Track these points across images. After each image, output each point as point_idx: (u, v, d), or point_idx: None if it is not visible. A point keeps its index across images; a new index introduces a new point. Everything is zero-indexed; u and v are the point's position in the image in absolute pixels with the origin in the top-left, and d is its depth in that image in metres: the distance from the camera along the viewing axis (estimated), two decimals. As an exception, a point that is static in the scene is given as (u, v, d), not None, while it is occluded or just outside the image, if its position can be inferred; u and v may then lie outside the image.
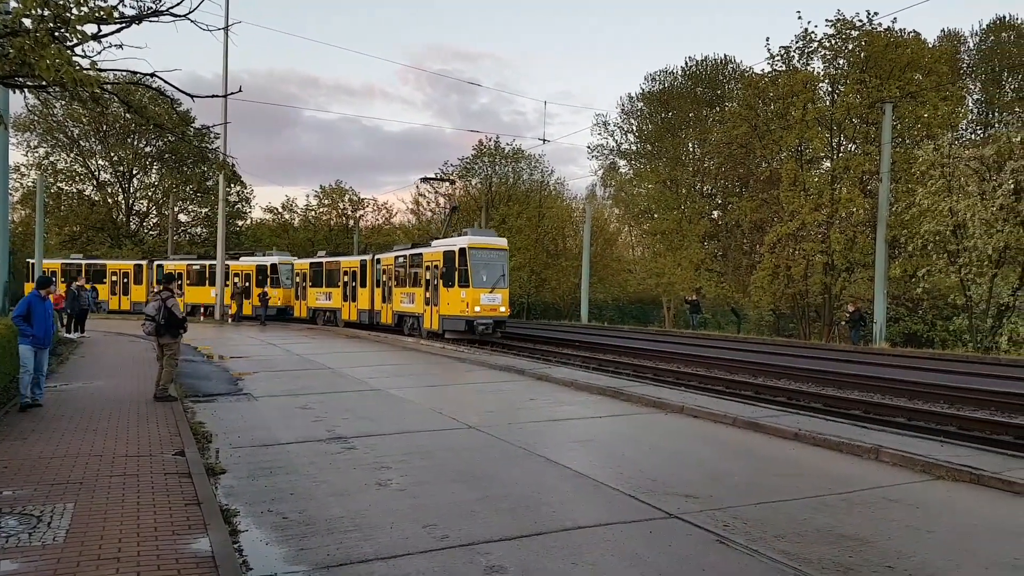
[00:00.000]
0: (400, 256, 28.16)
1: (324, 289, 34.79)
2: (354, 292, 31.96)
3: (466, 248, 23.55)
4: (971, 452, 8.38)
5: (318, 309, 35.37)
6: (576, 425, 10.56)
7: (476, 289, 23.37)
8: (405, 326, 27.51)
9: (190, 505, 6.06)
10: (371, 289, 30.53)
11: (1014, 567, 5.20)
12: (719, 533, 5.82)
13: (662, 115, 53.05)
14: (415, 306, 26.30)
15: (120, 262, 44.32)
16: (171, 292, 11.75)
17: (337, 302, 33.50)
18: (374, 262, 30.58)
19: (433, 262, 24.90)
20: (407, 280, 27.10)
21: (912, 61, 34.73)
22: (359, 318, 31.40)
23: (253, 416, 10.80)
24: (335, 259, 34.83)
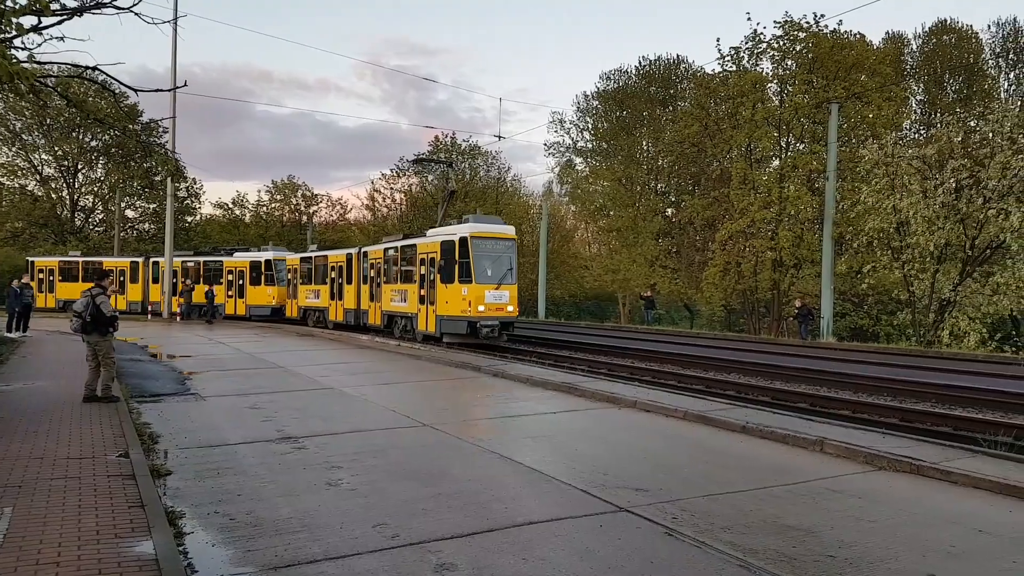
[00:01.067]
0: (390, 248, 25.33)
1: (313, 287, 32.12)
2: (341, 290, 29.33)
3: (467, 238, 20.64)
4: (912, 443, 8.63)
5: (308, 308, 32.70)
6: (530, 421, 10.60)
7: (480, 285, 20.45)
8: (396, 328, 24.88)
9: (134, 507, 5.91)
10: (357, 286, 27.95)
11: (949, 553, 5.38)
12: (668, 526, 5.90)
13: (617, 114, 53.52)
14: (408, 305, 23.52)
15: (117, 259, 42.03)
16: (102, 289, 11.38)
17: (325, 301, 30.81)
18: (361, 256, 27.87)
19: (429, 254, 22.06)
20: (398, 276, 24.42)
21: (857, 62, 35.65)
22: (345, 318, 28.82)
23: (201, 416, 10.59)
24: (323, 253, 31.79)
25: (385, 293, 25.27)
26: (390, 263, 25.13)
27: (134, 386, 13.08)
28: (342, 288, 29.10)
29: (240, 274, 36.58)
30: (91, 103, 35.70)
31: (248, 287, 35.89)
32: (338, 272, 29.52)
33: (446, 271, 20.86)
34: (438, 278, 21.19)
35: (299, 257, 33.89)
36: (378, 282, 25.94)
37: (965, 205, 24.92)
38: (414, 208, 55.74)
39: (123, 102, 34.05)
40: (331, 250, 32.02)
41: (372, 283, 26.56)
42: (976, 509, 6.46)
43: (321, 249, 33.39)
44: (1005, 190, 23.98)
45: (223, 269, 36.88)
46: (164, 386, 13.50)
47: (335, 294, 29.74)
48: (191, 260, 38.64)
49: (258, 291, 35.93)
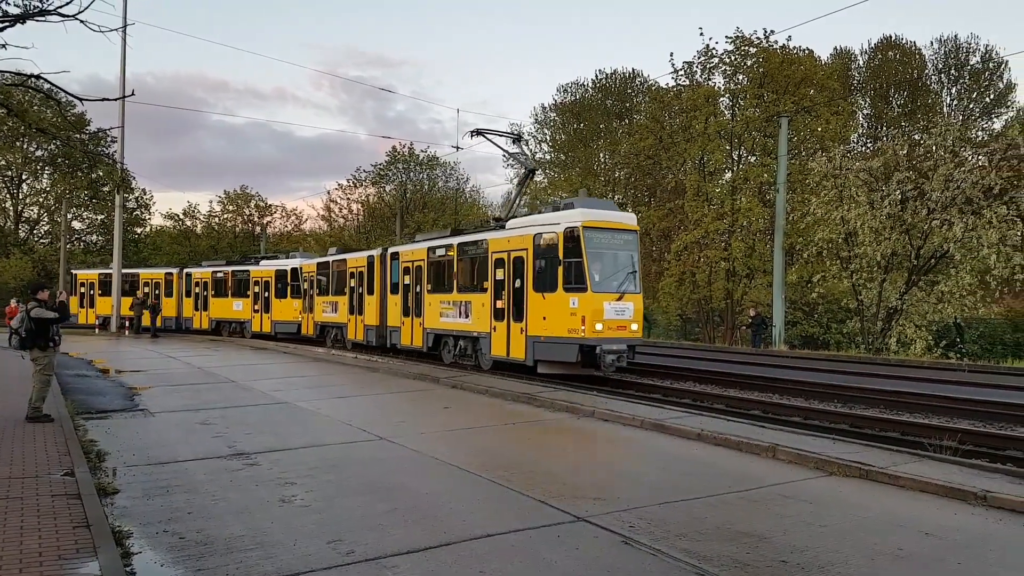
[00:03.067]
0: (439, 246, 19.83)
1: (331, 298, 27.16)
2: (361, 302, 24.36)
3: (578, 229, 15.06)
4: (861, 448, 8.83)
5: (326, 325, 27.69)
6: (489, 433, 10.56)
7: (597, 295, 14.95)
8: (446, 352, 19.60)
9: (79, 528, 5.73)
10: (380, 297, 22.84)
11: (897, 557, 5.50)
12: (624, 534, 5.92)
13: (574, 126, 54.03)
14: (471, 322, 17.93)
15: (152, 271, 39.78)
16: (38, 302, 10.94)
17: (344, 315, 25.79)
18: (386, 259, 22.72)
19: (513, 253, 16.47)
20: (455, 282, 18.89)
21: (806, 77, 36.57)
22: (366, 337, 23.81)
23: (150, 433, 10.32)
24: (342, 257, 26.60)
25: (431, 306, 19.88)
26: (440, 266, 19.77)
27: (80, 402, 12.69)
28: (362, 300, 24.15)
29: (265, 285, 32.46)
30: (34, 112, 34.77)
31: (273, 300, 31.81)
32: (358, 280, 24.51)
33: (544, 276, 15.51)
34: (529, 285, 15.84)
35: (315, 262, 29.08)
36: (418, 292, 20.55)
37: (910, 216, 25.68)
38: (372, 218, 55.41)
39: (69, 111, 33.25)
40: (351, 252, 26.89)
41: (407, 293, 21.19)
42: (922, 512, 6.63)
43: (341, 252, 27.83)
44: (948, 201, 24.77)
45: (249, 279, 33.17)
46: (112, 402, 13.14)
47: (355, 307, 24.82)
48: (221, 271, 35.16)
49: (284, 305, 31.47)
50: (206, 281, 35.35)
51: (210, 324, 35.02)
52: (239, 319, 33.66)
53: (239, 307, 33.56)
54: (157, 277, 38.35)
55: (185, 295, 36.79)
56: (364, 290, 23.96)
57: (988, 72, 50.43)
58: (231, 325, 34.22)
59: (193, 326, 36.09)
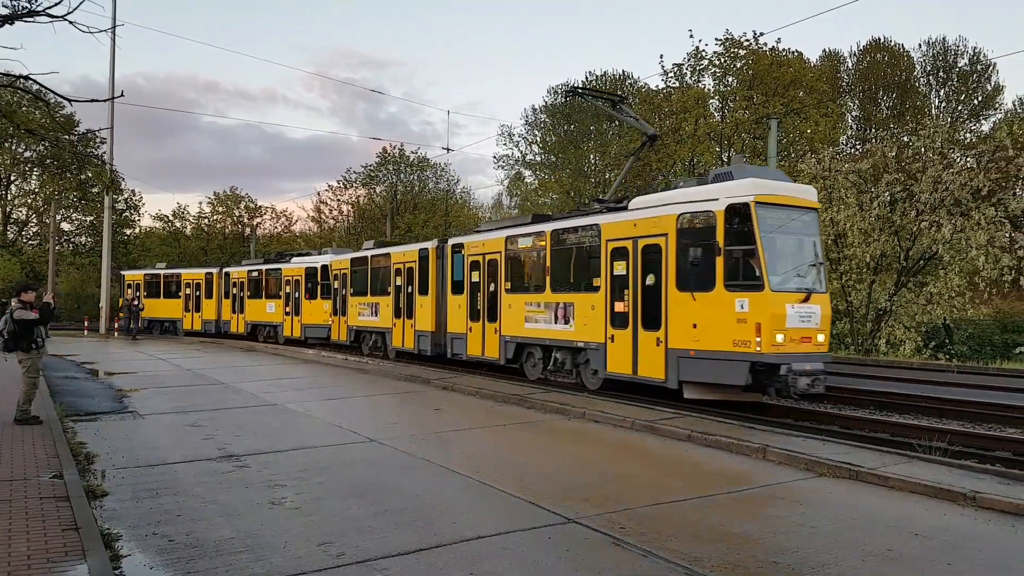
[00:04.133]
0: (524, 235, 16.48)
1: (370, 299, 23.57)
2: (410, 304, 20.87)
3: (750, 205, 11.39)
4: (850, 449, 8.87)
5: (362, 329, 24.22)
6: (479, 434, 10.56)
7: (778, 295, 11.26)
8: (531, 365, 16.45)
9: (68, 530, 5.69)
10: (437, 298, 19.68)
11: (886, 557, 5.52)
12: (615, 536, 5.93)
13: (565, 127, 54.03)
14: (572, 329, 14.61)
15: (193, 271, 37.54)
16: (21, 304, 10.85)
17: (386, 319, 22.32)
18: (446, 252, 19.38)
19: (643, 241, 12.93)
20: (545, 278, 15.49)
21: (795, 79, 36.76)
22: (418, 346, 20.46)
23: (139, 435, 10.27)
24: (384, 251, 23.18)
25: (510, 309, 16.50)
26: (523, 260, 16.59)
27: (69, 404, 12.62)
28: (411, 301, 20.79)
29: (296, 284, 29.26)
30: (23, 113, 34.54)
31: (304, 301, 28.67)
32: (407, 277, 21.13)
33: (693, 270, 11.89)
34: (670, 282, 12.28)
35: (348, 258, 25.46)
36: (491, 291, 17.28)
37: (899, 218, 25.82)
38: (362, 220, 55.28)
39: (58, 112, 33.06)
40: (395, 247, 23.45)
41: (475, 293, 17.92)
42: (912, 513, 6.66)
43: (379, 246, 24.58)
44: (937, 203, 24.92)
45: (281, 279, 30.27)
46: (101, 404, 13.07)
47: (401, 310, 21.39)
48: (256, 269, 32.52)
49: (314, 306, 28.24)
50: (243, 281, 32.85)
51: (246, 328, 32.60)
52: (272, 322, 30.94)
53: (272, 309, 30.82)
54: (198, 277, 36.11)
55: (224, 296, 34.60)
56: (414, 289, 20.52)
57: (976, 74, 50.79)
58: (266, 329, 31.63)
59: (230, 330, 33.75)
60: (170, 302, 36.36)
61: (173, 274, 37.47)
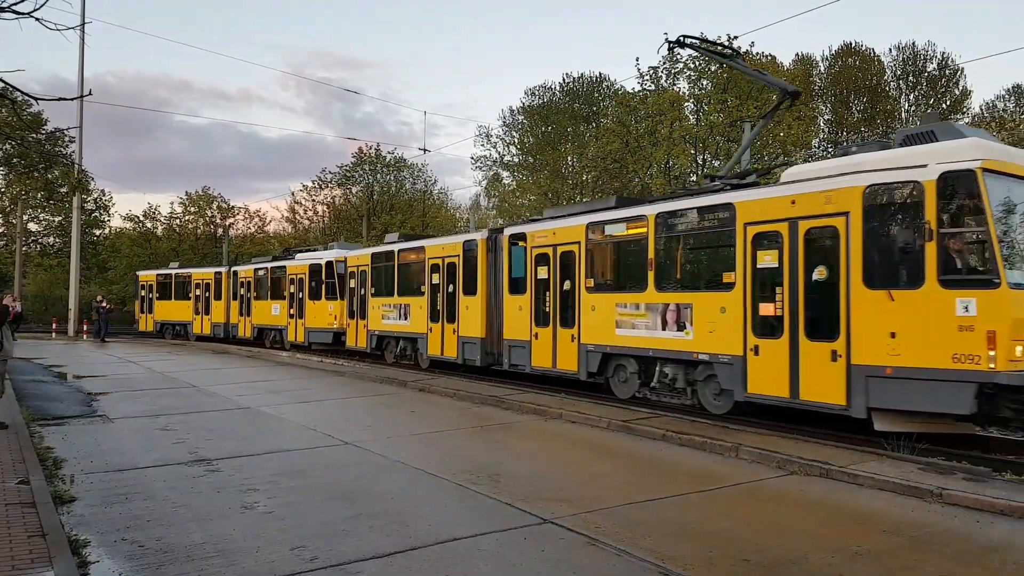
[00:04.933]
0: (613, 220, 13.57)
1: (397, 299, 20.46)
2: (451, 305, 18.02)
3: (976, 174, 8.71)
4: (822, 448, 8.97)
5: (387, 335, 21.13)
6: (455, 436, 10.54)
7: (1018, 292, 8.64)
8: (620, 380, 13.53)
9: (34, 537, 5.59)
10: (488, 298, 16.83)
11: (856, 554, 5.60)
12: (590, 535, 5.95)
13: (542, 129, 54.17)
14: (689, 337, 11.81)
15: (203, 271, 34.80)
16: None
17: (418, 323, 19.33)
18: (500, 244, 16.62)
19: (805, 224, 10.26)
20: (646, 274, 12.61)
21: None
22: (461, 354, 17.48)
23: (108, 439, 10.11)
24: (417, 244, 20.05)
25: (594, 312, 13.61)
26: (612, 252, 13.95)
27: (36, 408, 12.39)
28: (453, 302, 17.93)
29: (300, 284, 26.67)
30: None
31: (307, 302, 26.00)
32: (447, 275, 18.27)
33: (888, 259, 9.51)
34: (853, 276, 9.56)
35: (369, 253, 22.36)
36: (564, 289, 14.46)
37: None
38: (338, 220, 54.93)
39: (25, 111, 32.47)
40: (430, 239, 20.48)
41: (543, 292, 15.02)
42: (881, 510, 6.76)
43: (405, 238, 21.74)
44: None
45: (285, 278, 27.75)
46: (69, 408, 12.85)
47: (439, 313, 18.48)
48: (262, 267, 29.87)
49: (317, 308, 25.58)
50: (249, 281, 30.20)
51: (252, 332, 29.89)
52: (277, 326, 28.26)
53: (276, 311, 28.17)
54: (207, 277, 33.55)
55: (232, 298, 31.85)
56: (457, 289, 17.73)
57: (945, 79, 51.65)
58: (271, 333, 29.03)
59: (238, 334, 31.06)
60: (181, 304, 34.30)
61: (184, 274, 35.05)
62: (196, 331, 33.28)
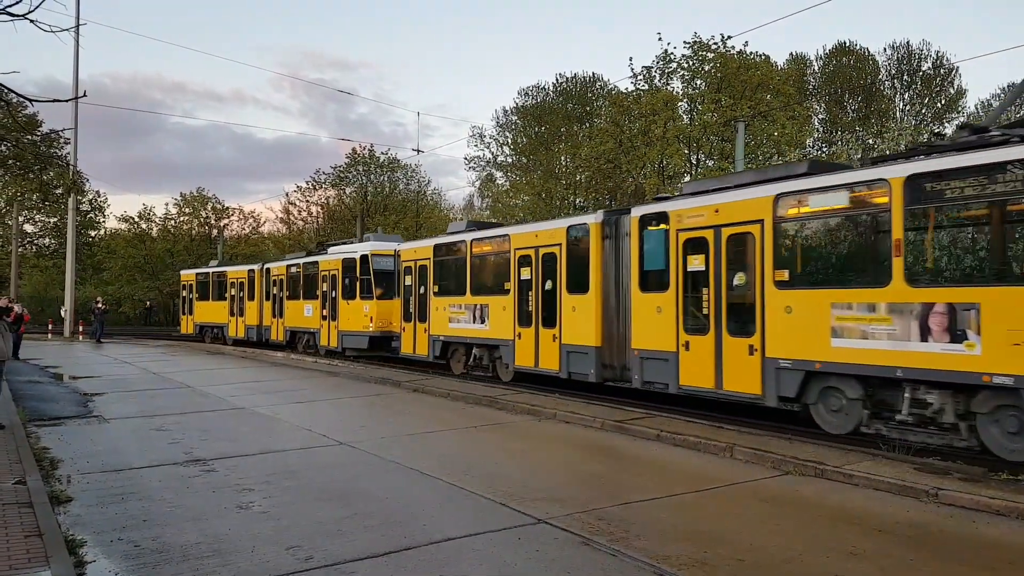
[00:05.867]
0: (819, 188, 9.94)
1: (467, 299, 17.34)
2: (549, 306, 14.87)
3: None
4: (816, 448, 8.99)
5: (455, 341, 18.06)
6: (450, 436, 10.55)
7: None
8: (832, 409, 10.05)
9: (31, 536, 5.60)
10: (603, 298, 13.82)
11: (850, 553, 5.62)
12: (584, 535, 5.97)
13: (536, 129, 54.17)
14: (977, 353, 8.19)
15: (237, 268, 32.14)
16: None
17: (500, 328, 16.19)
18: (626, 229, 13.32)
19: None
20: (887, 262, 9.15)
21: (762, 82, 37.16)
22: (564, 365, 14.40)
23: (104, 440, 10.11)
24: (502, 233, 16.86)
25: (795, 315, 10.16)
26: (819, 236, 10.77)
27: (32, 409, 12.38)
28: (553, 302, 14.76)
29: (333, 281, 23.85)
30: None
31: (340, 302, 23.18)
32: (542, 268, 15.12)
33: None
34: None
35: (431, 245, 19.13)
36: (736, 285, 11.03)
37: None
38: (332, 221, 54.89)
39: (20, 112, 32.37)
40: (515, 226, 17.47)
41: (694, 288, 11.75)
42: (876, 509, 6.78)
43: (476, 226, 18.57)
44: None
45: (318, 274, 24.98)
46: (65, 408, 12.84)
47: (529, 316, 15.37)
48: (295, 264, 27.20)
49: (351, 308, 22.64)
50: (281, 279, 27.82)
51: (285, 335, 27.46)
52: (309, 328, 25.51)
53: (309, 312, 25.41)
54: (241, 276, 31.15)
55: (265, 298, 29.40)
56: (559, 285, 14.58)
57: (939, 78, 51.80)
58: (304, 337, 26.43)
59: (270, 337, 28.64)
60: (218, 305, 32.38)
61: (220, 272, 32.85)
62: (231, 334, 31.20)
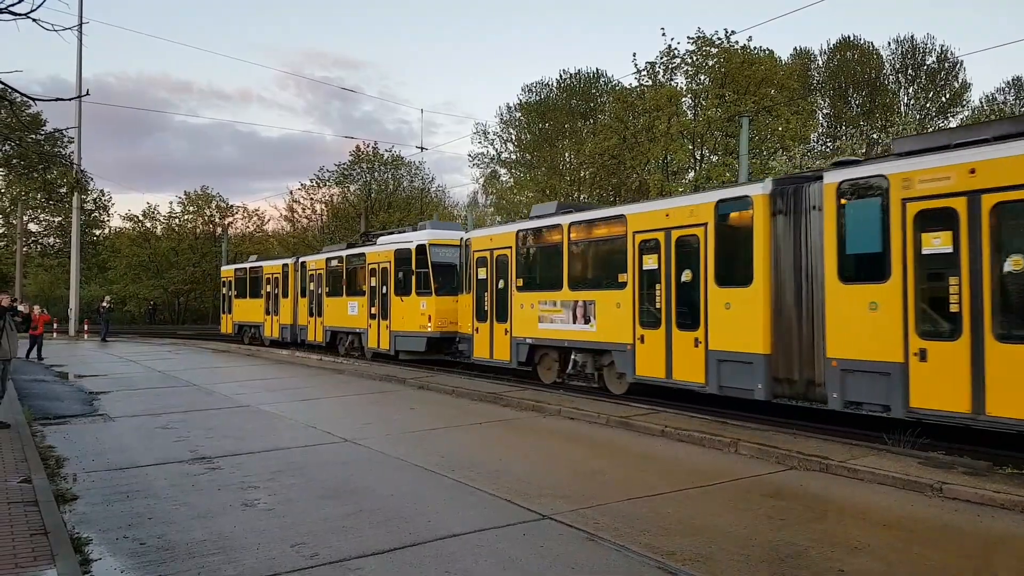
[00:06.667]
0: None
1: (563, 294, 14.49)
2: (686, 302, 12.02)
3: None
4: (821, 443, 8.98)
5: (546, 345, 15.15)
6: (455, 433, 10.55)
7: None
8: None
9: (36, 535, 5.62)
10: (775, 293, 10.87)
11: (855, 548, 5.61)
12: (589, 531, 5.97)
13: (539, 125, 54.09)
14: None
15: (272, 263, 29.77)
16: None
17: (612, 329, 13.29)
18: (809, 198, 10.53)
19: None
20: None
21: (766, 77, 37.07)
22: (715, 377, 11.48)
23: (109, 438, 10.14)
24: (606, 214, 14.20)
25: None
26: None
27: (38, 408, 12.42)
28: (693, 297, 11.86)
29: (383, 275, 21.01)
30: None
31: (392, 299, 20.38)
32: (676, 254, 12.16)
33: None
34: None
35: (513, 231, 16.21)
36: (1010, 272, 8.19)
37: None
38: (336, 218, 54.91)
39: (24, 112, 32.47)
40: (637, 204, 14.18)
41: (924, 276, 8.98)
42: (880, 504, 6.77)
43: (576, 210, 15.35)
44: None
45: (365, 267, 22.14)
46: (70, 407, 12.87)
47: (655, 314, 12.43)
48: (335, 256, 24.52)
49: (405, 306, 19.88)
50: (320, 274, 25.21)
51: (324, 336, 24.87)
52: (355, 328, 22.72)
53: (354, 310, 22.61)
54: (276, 271, 28.78)
55: (300, 294, 26.91)
56: (702, 276, 11.60)
57: (944, 72, 51.58)
58: (348, 338, 23.72)
59: (307, 338, 26.11)
60: (255, 303, 30.20)
61: (256, 268, 30.66)
62: (267, 334, 29.08)
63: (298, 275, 27.03)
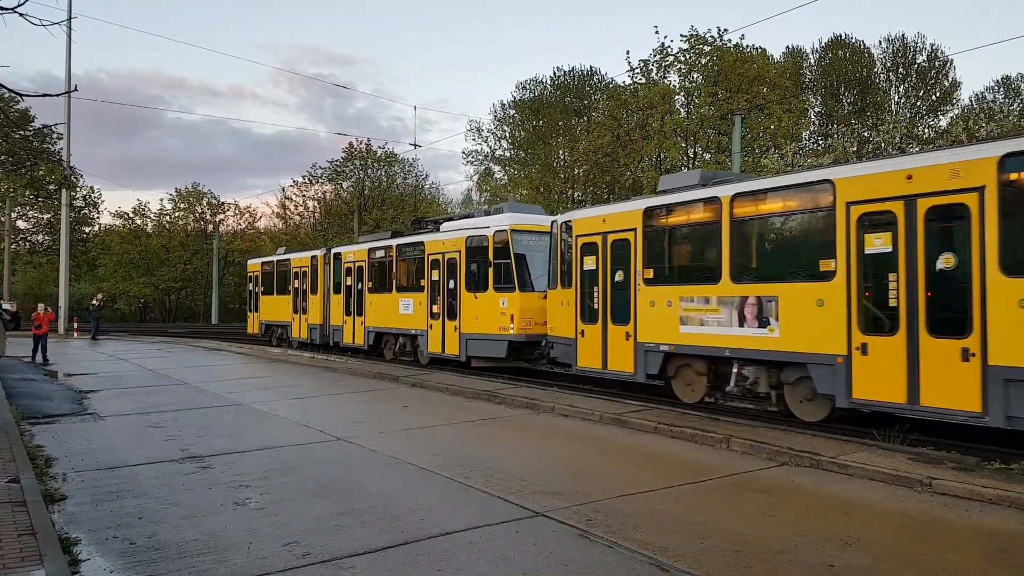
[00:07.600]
0: None
1: (723, 288, 11.21)
2: (950, 298, 8.52)
3: None
4: (812, 439, 9.01)
5: (687, 353, 12.08)
6: (448, 431, 10.54)
7: None
8: None
9: (24, 535, 5.57)
10: None
11: (845, 543, 5.63)
12: (582, 528, 5.97)
13: (533, 123, 54.08)
14: None
15: (300, 255, 26.63)
16: None
17: (804, 336, 9.96)
18: None
19: None
20: None
21: (759, 76, 37.20)
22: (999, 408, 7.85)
23: (99, 437, 10.08)
24: (795, 184, 10.60)
25: None
26: None
27: (26, 407, 12.33)
28: (962, 289, 8.35)
29: (449, 267, 17.98)
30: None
31: (463, 294, 17.38)
32: (929, 234, 8.69)
33: None
34: None
35: (640, 209, 12.92)
36: None
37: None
38: (329, 216, 54.81)
39: (12, 107, 32.22)
40: (841, 166, 10.72)
41: None
42: (871, 500, 6.80)
43: (730, 181, 12.19)
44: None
45: (424, 259, 18.94)
46: (59, 406, 12.79)
47: (888, 314, 9.04)
48: (382, 247, 21.19)
49: (481, 304, 16.88)
50: (360, 266, 22.03)
51: (365, 338, 21.62)
52: (408, 330, 19.67)
53: (408, 308, 19.57)
54: (304, 265, 25.63)
55: (333, 291, 23.70)
56: (976, 264, 8.23)
57: (934, 71, 51.82)
58: (398, 341, 20.54)
59: (342, 340, 22.90)
60: (282, 300, 27.26)
61: (284, 261, 27.59)
62: (295, 334, 26.20)
63: (329, 268, 23.89)
